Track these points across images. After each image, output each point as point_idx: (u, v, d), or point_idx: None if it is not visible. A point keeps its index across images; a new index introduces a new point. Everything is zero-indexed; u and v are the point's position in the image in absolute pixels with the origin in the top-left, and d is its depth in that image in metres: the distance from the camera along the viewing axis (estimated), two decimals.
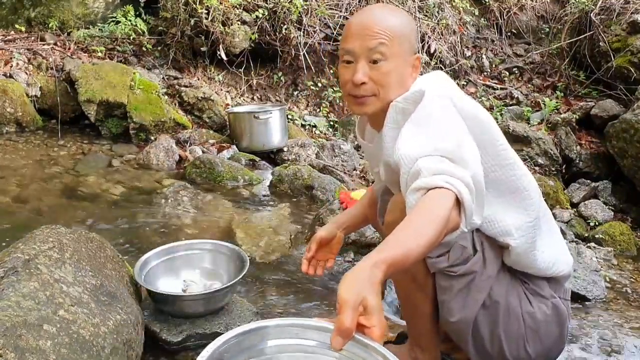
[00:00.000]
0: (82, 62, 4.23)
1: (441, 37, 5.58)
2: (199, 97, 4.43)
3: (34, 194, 2.96)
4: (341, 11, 5.12)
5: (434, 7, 5.60)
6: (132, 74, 4.14)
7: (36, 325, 1.11)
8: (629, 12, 4.97)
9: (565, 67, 5.51)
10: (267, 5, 4.78)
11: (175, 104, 4.40)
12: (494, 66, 5.96)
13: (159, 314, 1.69)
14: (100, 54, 4.50)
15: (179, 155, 3.76)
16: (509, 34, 6.26)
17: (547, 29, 6.20)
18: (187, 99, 4.42)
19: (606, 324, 2.12)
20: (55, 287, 1.25)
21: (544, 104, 5.12)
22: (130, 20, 4.70)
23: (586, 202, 3.99)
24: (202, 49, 4.66)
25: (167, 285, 1.77)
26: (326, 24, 5.08)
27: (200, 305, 1.69)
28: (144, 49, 4.73)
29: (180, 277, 1.83)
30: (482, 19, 6.23)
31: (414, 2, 5.48)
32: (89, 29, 4.81)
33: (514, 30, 6.29)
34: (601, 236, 3.45)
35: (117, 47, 4.71)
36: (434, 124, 1.19)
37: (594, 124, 4.67)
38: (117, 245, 2.34)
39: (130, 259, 2.00)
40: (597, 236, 3.47)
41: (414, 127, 1.21)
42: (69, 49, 4.52)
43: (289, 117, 4.66)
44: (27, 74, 4.13)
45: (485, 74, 5.88)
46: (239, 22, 4.70)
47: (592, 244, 3.23)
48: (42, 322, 1.13)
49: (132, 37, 4.70)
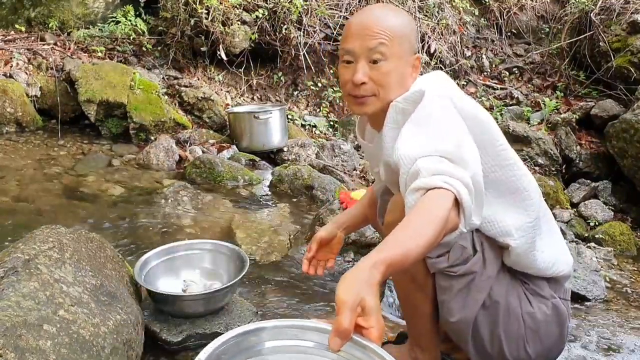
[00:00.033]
0: (82, 62, 4.23)
1: (441, 37, 5.58)
2: (199, 97, 4.43)
3: (34, 194, 2.96)
4: (341, 11, 5.12)
5: (434, 7, 5.60)
6: (132, 74, 4.14)
7: (36, 325, 1.11)
8: (629, 12, 4.97)
9: (565, 67, 5.51)
10: (267, 5, 4.78)
11: (175, 104, 4.40)
12: (494, 66, 5.96)
13: (159, 314, 1.69)
14: (100, 54, 4.50)
15: (179, 155, 3.76)
16: (509, 34, 6.26)
17: (547, 29, 6.20)
18: (187, 99, 4.42)
19: (606, 323, 2.12)
20: (55, 287, 1.25)
21: (544, 104, 5.12)
22: (130, 20, 4.70)
23: (586, 202, 3.99)
24: (202, 49, 4.66)
25: (167, 285, 1.77)
26: (326, 24, 5.08)
27: (200, 305, 1.69)
28: (144, 49, 4.73)
29: (180, 277, 1.83)
30: (482, 19, 6.23)
31: (414, 2, 5.48)
32: (89, 29, 4.81)
33: (514, 30, 6.29)
34: (601, 236, 3.45)
35: (117, 47, 4.71)
36: (434, 124, 1.19)
37: (594, 124, 4.67)
38: (117, 245, 2.34)
39: (130, 259, 2.00)
40: (597, 236, 3.47)
41: (413, 127, 1.21)
42: (69, 49, 4.52)
43: (289, 117, 4.66)
44: (27, 74, 4.13)
45: (485, 74, 5.88)
46: (239, 22, 4.70)
47: (592, 244, 3.23)
48: (42, 322, 1.13)
49: (132, 37, 4.70)
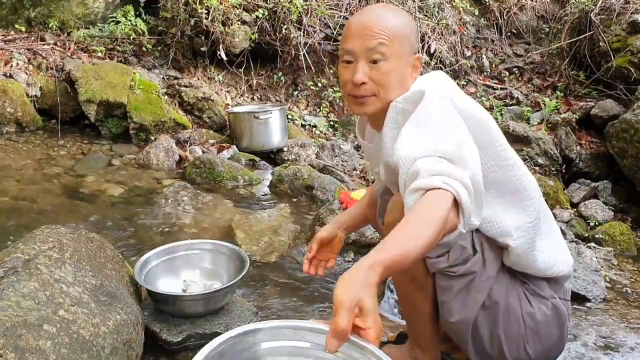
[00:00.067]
0: (82, 62, 4.23)
1: (441, 37, 5.58)
2: (199, 97, 4.43)
3: (33, 194, 2.96)
4: (341, 11, 5.12)
5: (434, 7, 5.60)
6: (132, 74, 4.14)
7: (36, 325, 1.11)
8: (629, 12, 4.97)
9: (565, 67, 5.51)
10: (267, 5, 4.78)
11: (175, 104, 4.40)
12: (494, 66, 5.96)
13: (159, 314, 1.69)
14: (100, 54, 4.50)
15: (179, 155, 3.76)
16: (509, 34, 6.26)
17: (547, 29, 6.20)
18: (187, 99, 4.42)
19: (606, 323, 2.11)
20: (55, 287, 1.26)
21: (544, 104, 5.12)
22: (130, 20, 4.70)
23: (586, 202, 3.99)
24: (202, 49, 4.66)
25: (167, 285, 1.77)
26: (326, 24, 5.08)
27: (200, 305, 1.69)
28: (144, 49, 4.73)
29: (180, 277, 1.83)
30: (482, 19, 6.23)
31: (414, 2, 5.48)
32: (89, 29, 4.80)
33: (514, 30, 6.28)
34: (601, 236, 3.45)
35: (117, 47, 4.71)
36: (434, 124, 1.19)
37: (594, 124, 4.67)
38: (117, 245, 2.34)
39: (130, 259, 2.00)
40: (597, 236, 3.47)
41: (413, 127, 1.21)
42: (69, 49, 4.52)
43: (289, 117, 4.66)
44: (27, 74, 4.13)
45: (485, 74, 5.88)
46: (239, 22, 4.70)
47: (592, 244, 3.23)
48: (42, 322, 1.13)
49: (132, 37, 4.70)
